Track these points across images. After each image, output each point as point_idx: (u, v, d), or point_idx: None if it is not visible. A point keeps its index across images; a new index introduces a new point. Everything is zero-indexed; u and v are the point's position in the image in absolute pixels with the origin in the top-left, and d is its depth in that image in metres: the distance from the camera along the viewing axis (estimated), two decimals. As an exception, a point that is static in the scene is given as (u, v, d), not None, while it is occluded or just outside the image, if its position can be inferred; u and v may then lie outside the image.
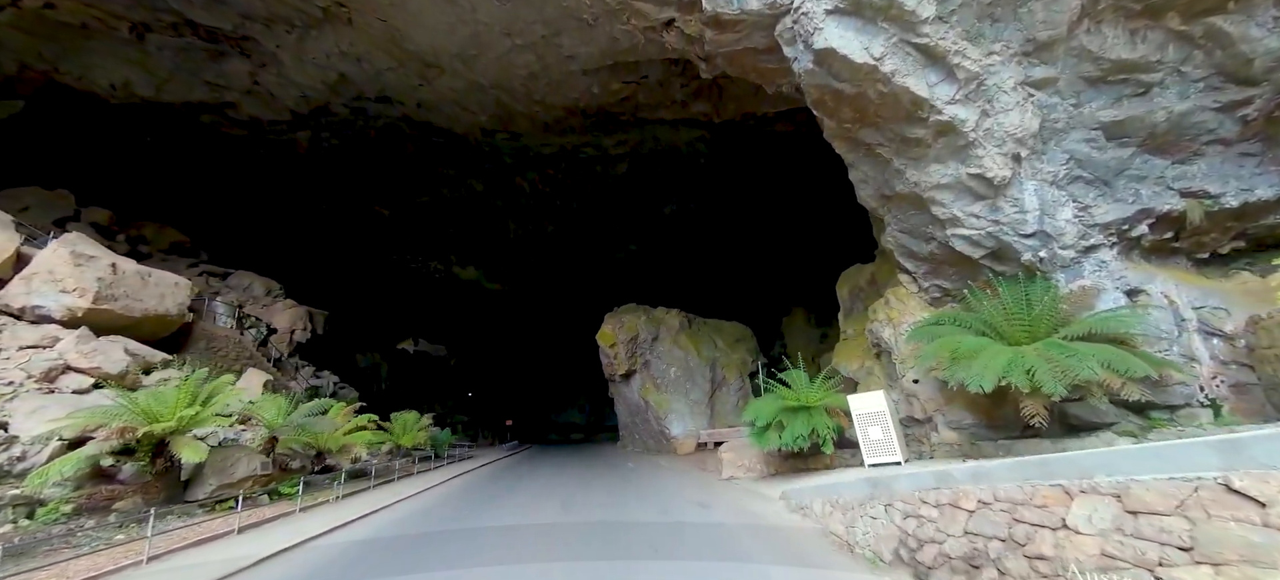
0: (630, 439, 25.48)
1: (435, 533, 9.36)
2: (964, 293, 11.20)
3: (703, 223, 37.51)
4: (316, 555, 8.04)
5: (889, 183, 11.09)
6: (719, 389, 21.43)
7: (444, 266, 41.92)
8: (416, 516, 10.77)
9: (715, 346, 21.43)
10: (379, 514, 11.21)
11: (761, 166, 31.92)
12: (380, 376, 33.86)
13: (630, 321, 21.56)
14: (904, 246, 11.87)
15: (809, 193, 31.13)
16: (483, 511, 11.08)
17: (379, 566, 7.31)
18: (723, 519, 9.49)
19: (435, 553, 7.82)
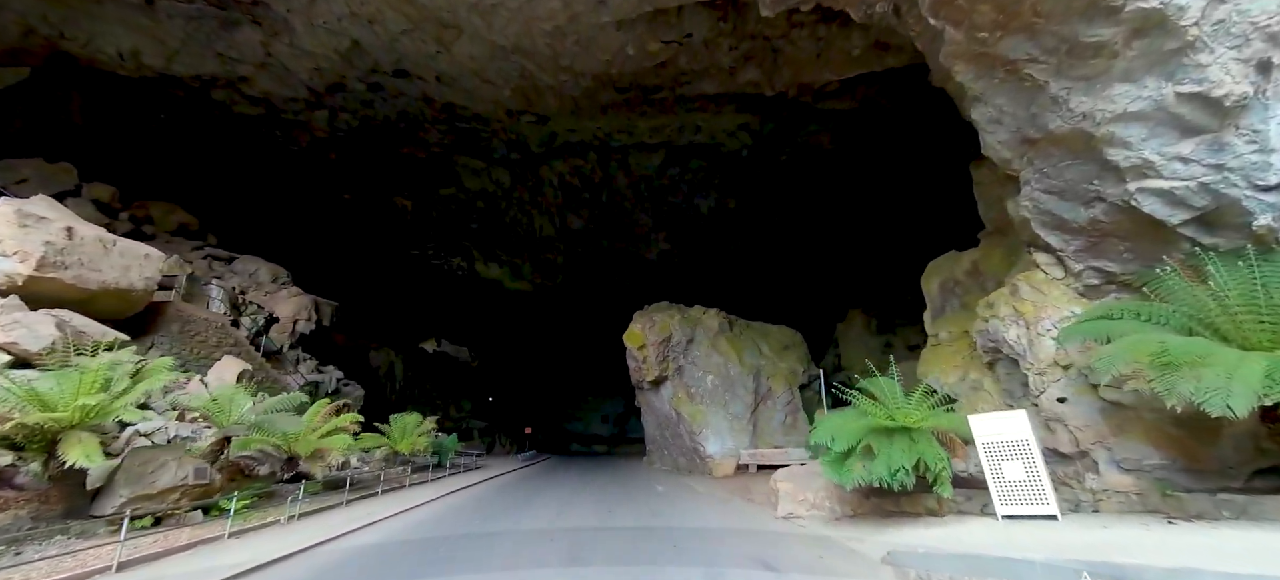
0: (658, 454, 22.27)
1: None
2: (1148, 277, 7.76)
3: (743, 220, 34.30)
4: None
5: (1038, 119, 7.78)
6: (763, 402, 18.09)
7: (467, 264, 39.80)
8: (370, 559, 7.89)
9: (759, 353, 18.11)
10: (324, 547, 8.40)
11: (812, 160, 28.61)
12: (395, 376, 31.62)
13: (662, 321, 18.51)
14: (1049, 214, 8.47)
15: (869, 182, 27.58)
16: (462, 553, 8.13)
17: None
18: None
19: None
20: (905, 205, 27.37)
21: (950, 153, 22.74)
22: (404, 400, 32.60)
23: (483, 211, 34.81)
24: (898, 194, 27.62)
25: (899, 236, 27.72)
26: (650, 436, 22.47)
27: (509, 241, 36.62)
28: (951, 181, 23.40)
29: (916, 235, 25.83)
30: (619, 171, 32.20)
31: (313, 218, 33.46)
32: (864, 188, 29.05)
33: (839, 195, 30.26)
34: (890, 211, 28.62)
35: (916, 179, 25.93)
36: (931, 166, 24.53)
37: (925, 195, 25.87)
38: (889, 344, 18.90)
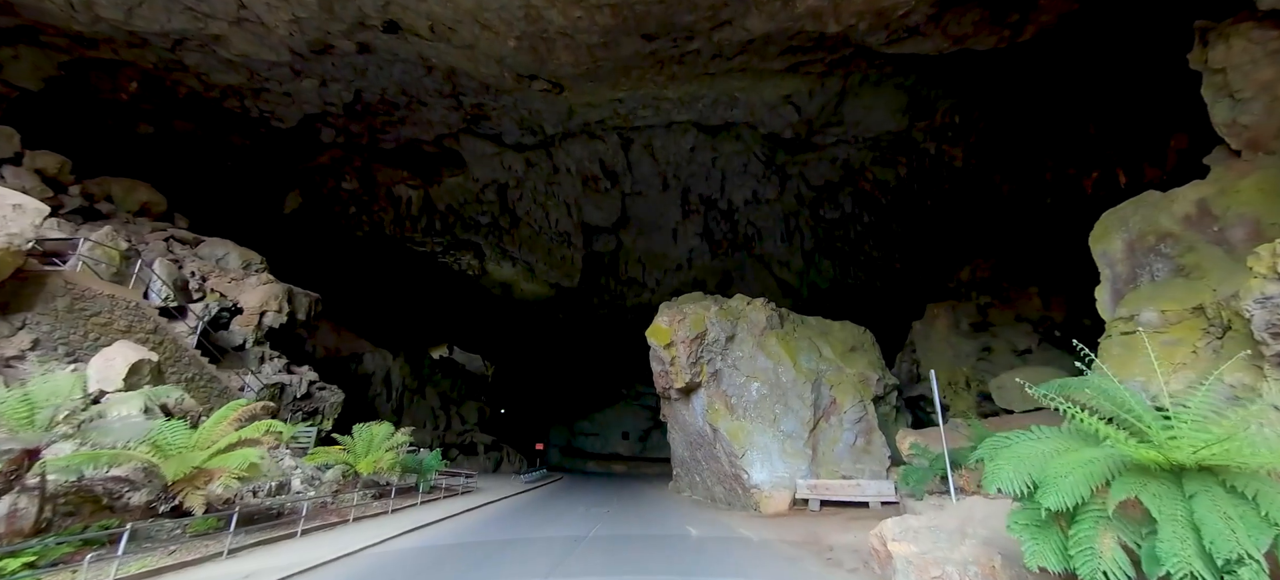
0: (687, 480, 17.93)
1: None
2: None
3: (785, 211, 30.01)
4: None
5: None
6: (825, 419, 13.69)
7: (478, 263, 36.39)
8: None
9: (819, 356, 13.79)
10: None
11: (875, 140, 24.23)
12: (392, 383, 28.08)
13: (695, 314, 14.35)
14: None
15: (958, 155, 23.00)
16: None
17: None
18: None
19: None
20: (1010, 167, 22.56)
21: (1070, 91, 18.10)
22: (404, 410, 29.01)
23: (494, 203, 31.41)
24: (997, 155, 22.87)
25: (1003, 208, 22.96)
26: (678, 457, 18.18)
27: (522, 236, 33.07)
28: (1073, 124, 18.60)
29: (1027, 204, 21.10)
30: (643, 156, 28.41)
31: (308, 209, 30.52)
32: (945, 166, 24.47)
33: (912, 178, 25.69)
34: (984, 177, 23.82)
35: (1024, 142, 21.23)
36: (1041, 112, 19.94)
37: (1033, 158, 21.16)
38: (988, 348, 14.37)
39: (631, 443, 42.77)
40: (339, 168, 28.93)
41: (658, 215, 31.16)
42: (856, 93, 23.33)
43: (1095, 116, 18.34)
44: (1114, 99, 17.25)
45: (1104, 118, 18.16)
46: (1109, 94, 17.09)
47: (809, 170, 28.21)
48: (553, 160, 28.92)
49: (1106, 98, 17.40)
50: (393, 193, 30.68)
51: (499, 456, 32.40)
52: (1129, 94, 16.46)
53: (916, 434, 11.88)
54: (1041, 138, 20.14)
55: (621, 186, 29.61)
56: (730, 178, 29.15)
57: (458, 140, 27.85)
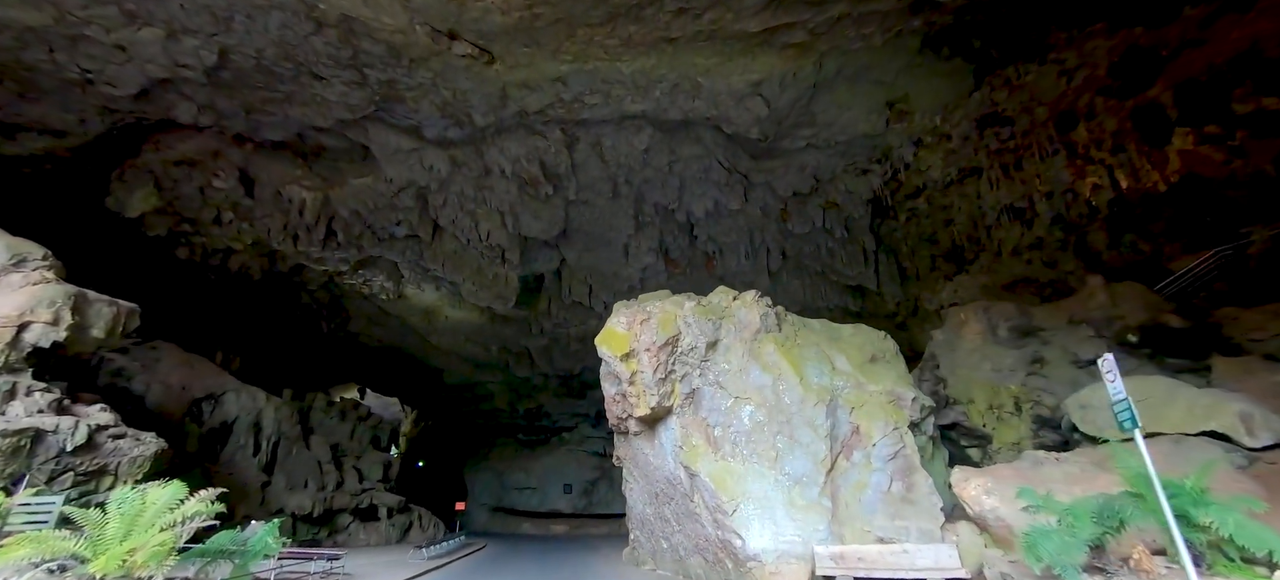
0: (650, 546, 13.36)
1: None
2: None
3: (753, 222, 27.03)
4: None
5: None
6: (846, 454, 9.88)
7: (393, 285, 30.87)
8: None
9: (831, 368, 10.10)
10: None
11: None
12: (261, 430, 21.77)
13: (665, 313, 10.33)
14: None
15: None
16: None
17: None
18: None
19: None
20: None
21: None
22: (278, 465, 22.57)
23: (412, 210, 26.51)
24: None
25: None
26: (636, 514, 13.61)
27: (447, 251, 28.15)
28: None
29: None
30: (591, 156, 24.73)
31: (166, 213, 24.33)
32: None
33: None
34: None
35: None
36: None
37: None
38: (1040, 359, 11.23)
39: (574, 497, 37.11)
40: (208, 159, 23.27)
41: (607, 227, 27.35)
42: (831, 86, 21.06)
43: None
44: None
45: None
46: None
47: (776, 179, 25.58)
48: (484, 159, 24.66)
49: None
50: (282, 195, 25.17)
51: (409, 521, 26.13)
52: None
53: (984, 474, 8.29)
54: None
55: (565, 192, 25.70)
56: (689, 185, 25.97)
57: (365, 131, 23.12)
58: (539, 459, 38.08)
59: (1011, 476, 8.36)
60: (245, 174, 24.25)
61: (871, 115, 22.09)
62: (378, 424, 29.34)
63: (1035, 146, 19.72)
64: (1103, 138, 18.20)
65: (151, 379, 18.88)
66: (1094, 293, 11.79)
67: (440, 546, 19.16)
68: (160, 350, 19.66)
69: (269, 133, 22.43)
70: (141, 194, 23.09)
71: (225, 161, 23.45)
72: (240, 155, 23.50)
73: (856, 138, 23.22)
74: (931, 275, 24.54)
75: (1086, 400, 9.04)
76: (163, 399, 19.15)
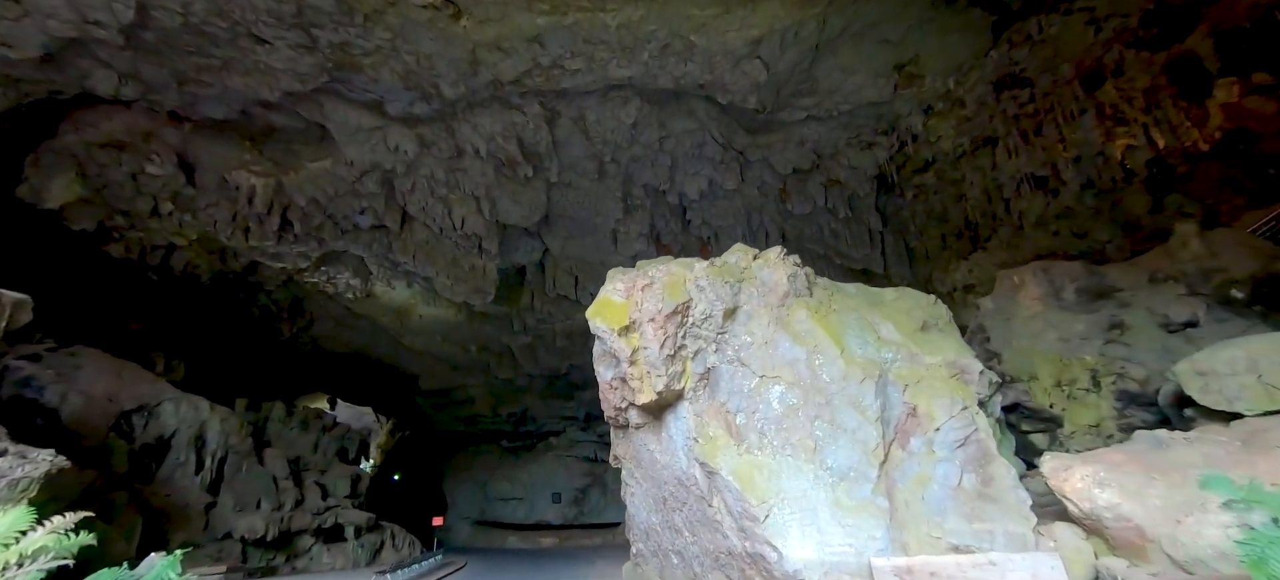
0: (658, 561, 11.31)
1: None
2: None
3: (753, 199, 25.27)
4: None
5: None
6: (901, 441, 8.09)
7: (360, 282, 28.40)
8: None
9: (876, 337, 8.25)
10: None
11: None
12: (205, 444, 19.19)
13: (672, 277, 8.38)
14: None
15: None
16: None
17: None
18: None
19: None
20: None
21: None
22: (225, 483, 19.98)
23: (377, 196, 24.18)
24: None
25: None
26: (639, 523, 11.54)
27: (417, 241, 25.83)
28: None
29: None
30: (574, 133, 22.73)
31: (93, 204, 21.64)
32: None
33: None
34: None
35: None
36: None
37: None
38: (1120, 324, 9.42)
39: (564, 507, 34.79)
40: (139, 141, 20.68)
41: (593, 211, 25.35)
42: (835, 48, 19.46)
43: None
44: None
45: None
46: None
47: (775, 155, 23.90)
48: (455, 138, 22.50)
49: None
50: (228, 182, 22.64)
51: (380, 541, 23.63)
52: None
53: (1091, 461, 6.49)
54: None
55: (546, 174, 23.64)
56: (682, 163, 24.13)
57: (320, 107, 20.81)
58: (525, 467, 35.68)
59: (1126, 462, 6.59)
60: (184, 159, 21.71)
61: (878, 80, 20.55)
62: (345, 434, 26.77)
63: (1058, 109, 18.35)
64: (1134, 95, 16.84)
65: (69, 389, 16.27)
66: (1186, 242, 10.11)
67: (410, 570, 16.80)
68: (81, 357, 17.05)
69: (208, 109, 19.96)
70: (62, 182, 20.39)
71: (160, 144, 20.90)
72: (177, 136, 20.97)
73: (861, 106, 21.68)
74: (943, 255, 23.02)
75: (1206, 365, 7.30)
76: (82, 412, 16.53)
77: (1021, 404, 9.73)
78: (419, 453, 38.98)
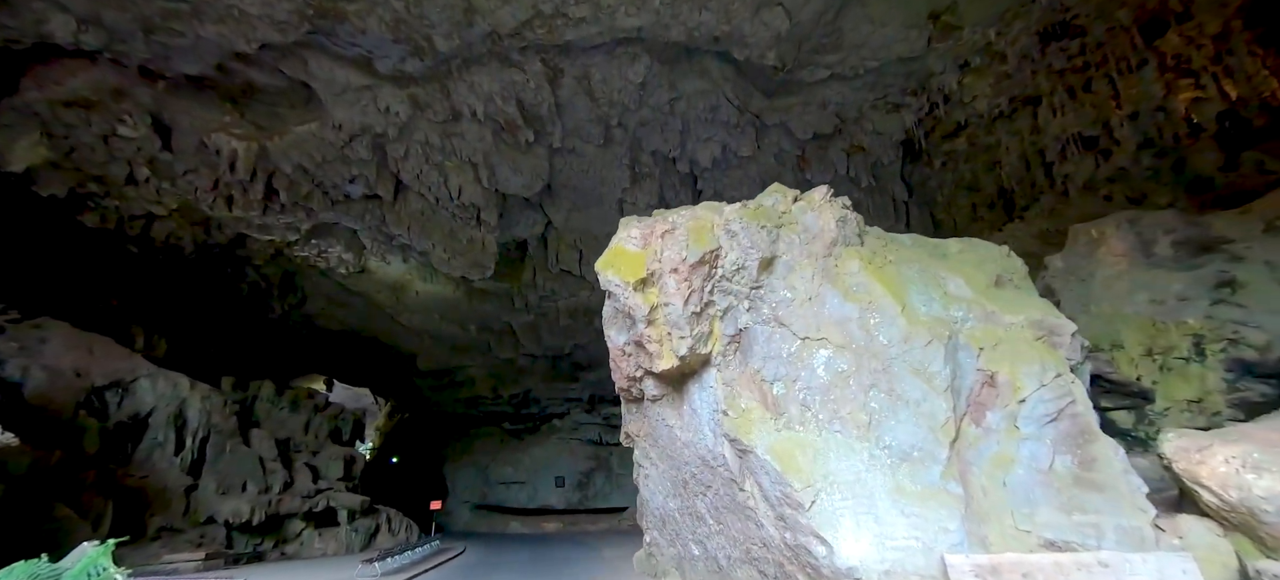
0: (675, 551, 10.03)
1: None
2: None
3: (763, 175, 23.70)
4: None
5: None
6: (974, 416, 6.80)
7: (353, 256, 27.06)
8: None
9: (944, 295, 6.99)
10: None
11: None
12: (185, 424, 18.02)
13: (698, 223, 7.03)
14: None
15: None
16: None
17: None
18: None
19: None
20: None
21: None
22: (207, 465, 18.84)
23: (368, 163, 22.73)
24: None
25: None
26: (654, 509, 10.24)
27: (412, 212, 24.43)
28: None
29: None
30: (578, 93, 21.15)
31: (62, 168, 20.27)
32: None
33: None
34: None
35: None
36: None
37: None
38: (1229, 281, 7.93)
39: (568, 491, 33.77)
40: (109, 100, 19.24)
41: (598, 180, 23.86)
42: (863, -3, 17.80)
43: None
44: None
45: None
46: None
47: (793, 119, 22.29)
48: (451, 99, 20.96)
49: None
50: (207, 145, 21.21)
51: (375, 525, 22.56)
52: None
53: (1234, 440, 5.14)
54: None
55: (548, 139, 22.12)
56: (693, 128, 22.54)
57: (304, 63, 19.28)
58: (527, 450, 34.60)
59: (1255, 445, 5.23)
60: (159, 120, 20.26)
61: (910, 32, 18.88)
62: (339, 415, 25.63)
63: (1112, 60, 16.69)
64: (1202, 42, 15.18)
65: (31, 363, 15.04)
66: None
67: (402, 557, 15.64)
68: (47, 330, 15.82)
69: (182, 64, 18.46)
70: (26, 143, 19.00)
71: (132, 103, 19.43)
72: (150, 95, 19.49)
73: (890, 63, 20.03)
74: (973, 227, 21.49)
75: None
76: (48, 388, 15.32)
77: (1102, 376, 8.33)
78: (418, 435, 37.98)
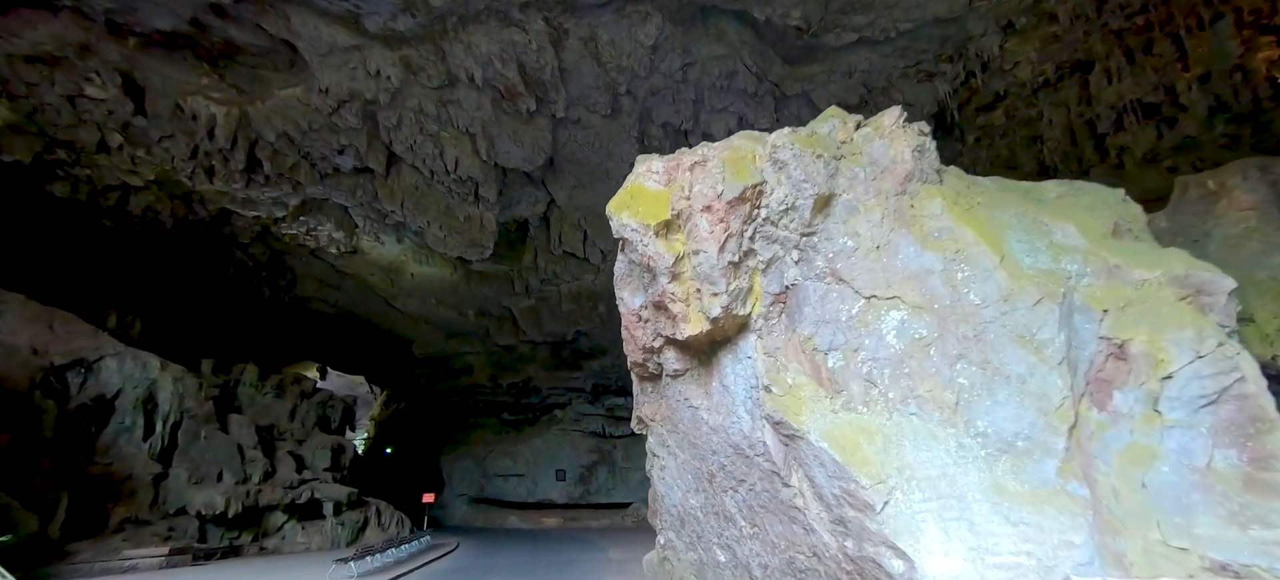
0: (696, 557, 8.55)
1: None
2: None
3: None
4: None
5: None
6: (1097, 397, 5.38)
7: (345, 235, 25.61)
8: None
9: (1050, 244, 5.64)
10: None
11: None
12: (156, 408, 16.61)
13: (738, 153, 5.60)
14: None
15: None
16: None
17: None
18: None
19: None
20: None
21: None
22: (180, 451, 17.45)
23: (357, 132, 21.24)
24: None
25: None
26: (673, 507, 8.73)
27: (406, 187, 22.94)
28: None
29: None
30: (584, 57, 19.58)
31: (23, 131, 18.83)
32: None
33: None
34: None
35: None
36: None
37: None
38: None
39: (569, 485, 32.36)
40: (74, 56, 17.77)
41: (605, 155, 22.31)
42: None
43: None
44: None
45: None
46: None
47: (817, 89, 20.70)
48: (446, 62, 19.44)
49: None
50: (183, 110, 19.73)
51: (363, 518, 21.17)
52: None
53: None
54: None
55: (552, 108, 20.57)
56: (708, 97, 20.97)
57: (287, 20, 17.79)
58: (527, 441, 33.18)
59: None
60: (131, 81, 18.78)
61: (950, -12, 17.25)
62: (327, 401, 24.22)
63: (1179, 18, 15.05)
64: (1284, -8, 13.53)
65: (-20, 337, 13.61)
66: None
67: (384, 556, 14.17)
68: (0, 302, 14.38)
69: (153, 17, 16.96)
70: (-14, 101, 17.57)
71: (99, 60, 17.96)
72: (119, 53, 18.01)
73: (925, 24, 18.41)
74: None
75: None
76: (0, 365, 13.90)
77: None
78: (414, 426, 36.63)
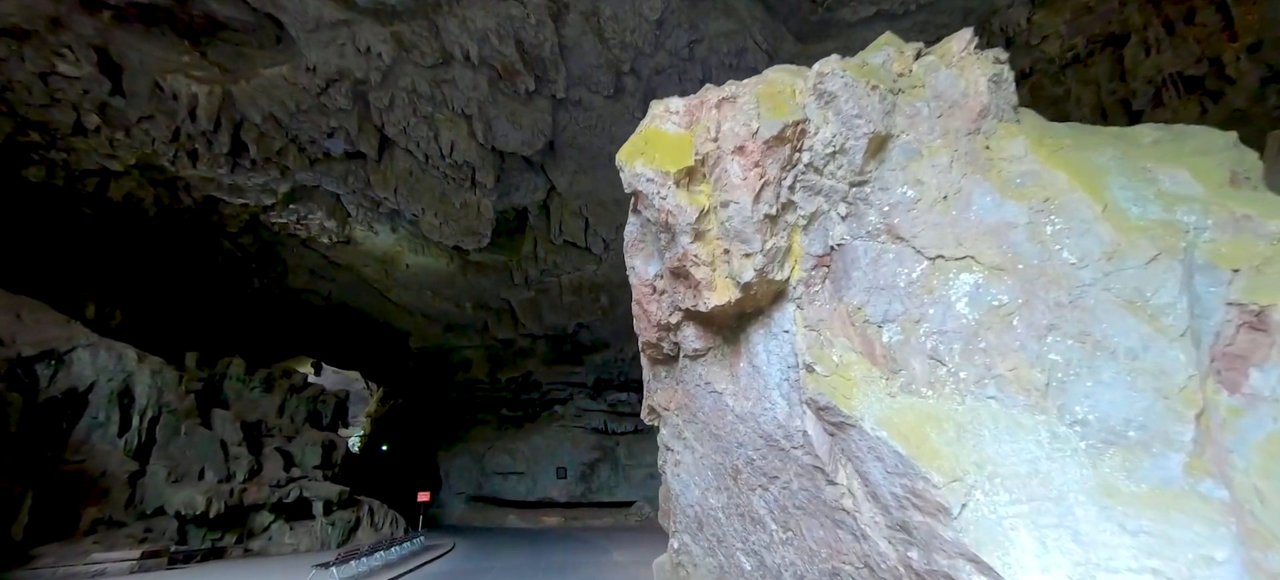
0: (716, 562, 7.58)
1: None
2: None
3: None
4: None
5: None
6: (1228, 375, 4.49)
7: (336, 224, 24.58)
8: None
9: (1158, 193, 4.77)
10: None
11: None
12: (133, 401, 15.63)
13: (771, 90, 4.80)
14: None
15: None
16: None
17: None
18: None
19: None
20: None
21: None
22: (158, 448, 16.46)
23: (348, 113, 20.24)
24: None
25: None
26: (690, 507, 7.70)
27: (399, 172, 21.92)
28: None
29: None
30: (585, 33, 18.61)
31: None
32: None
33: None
34: None
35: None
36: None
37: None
38: None
39: (570, 483, 31.38)
40: (45, 31, 16.78)
41: (608, 138, 21.28)
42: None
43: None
44: None
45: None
46: None
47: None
48: (441, 39, 18.47)
49: None
50: (163, 89, 18.73)
51: (354, 518, 20.20)
52: None
53: None
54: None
55: (551, 87, 19.58)
56: (716, 75, 19.79)
57: (272, -8, 16.81)
58: (526, 438, 32.19)
59: None
60: (107, 57, 17.79)
61: (975, -47, 16.23)
62: (318, 396, 23.24)
63: (1223, -17, 14.01)
64: (1343, -53, 12.48)
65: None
66: None
67: (371, 559, 13.14)
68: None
69: (129, -16, 15.95)
70: (-49, 77, 16.57)
71: (72, 35, 16.96)
72: (94, 27, 17.04)
73: (946, -5, 17.38)
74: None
75: None
76: (-40, 355, 12.89)
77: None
78: (411, 422, 35.66)
